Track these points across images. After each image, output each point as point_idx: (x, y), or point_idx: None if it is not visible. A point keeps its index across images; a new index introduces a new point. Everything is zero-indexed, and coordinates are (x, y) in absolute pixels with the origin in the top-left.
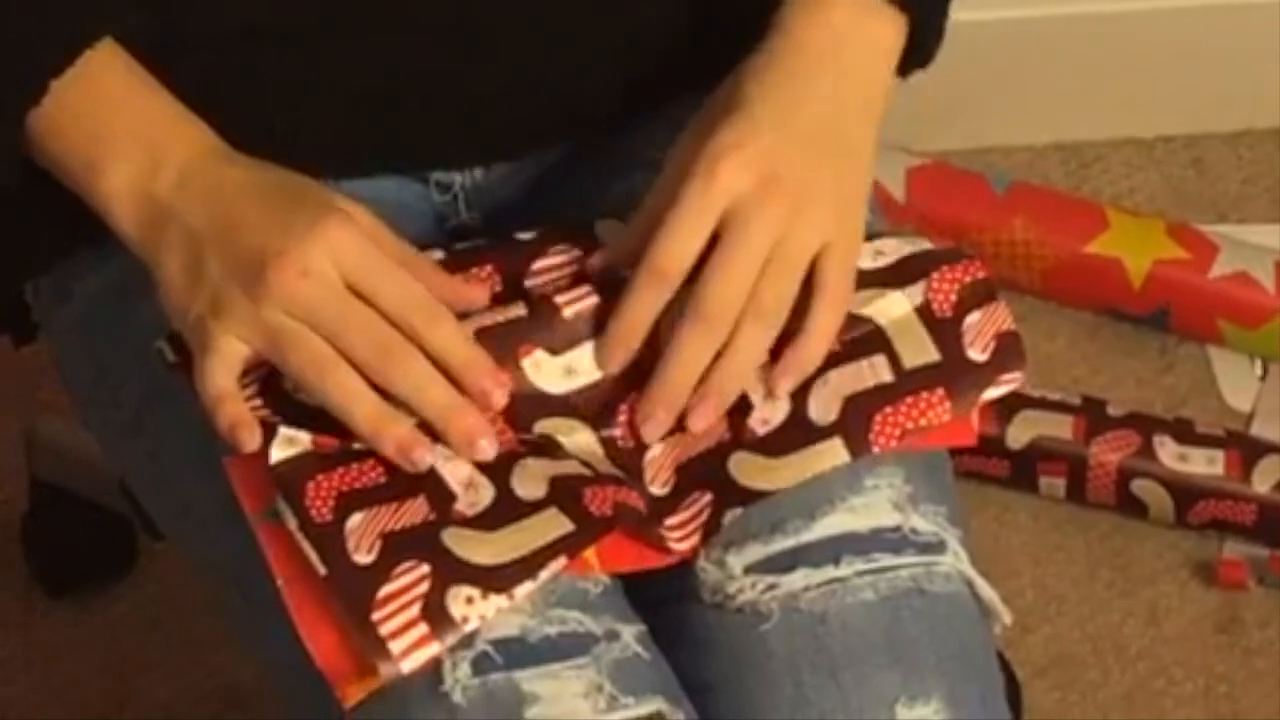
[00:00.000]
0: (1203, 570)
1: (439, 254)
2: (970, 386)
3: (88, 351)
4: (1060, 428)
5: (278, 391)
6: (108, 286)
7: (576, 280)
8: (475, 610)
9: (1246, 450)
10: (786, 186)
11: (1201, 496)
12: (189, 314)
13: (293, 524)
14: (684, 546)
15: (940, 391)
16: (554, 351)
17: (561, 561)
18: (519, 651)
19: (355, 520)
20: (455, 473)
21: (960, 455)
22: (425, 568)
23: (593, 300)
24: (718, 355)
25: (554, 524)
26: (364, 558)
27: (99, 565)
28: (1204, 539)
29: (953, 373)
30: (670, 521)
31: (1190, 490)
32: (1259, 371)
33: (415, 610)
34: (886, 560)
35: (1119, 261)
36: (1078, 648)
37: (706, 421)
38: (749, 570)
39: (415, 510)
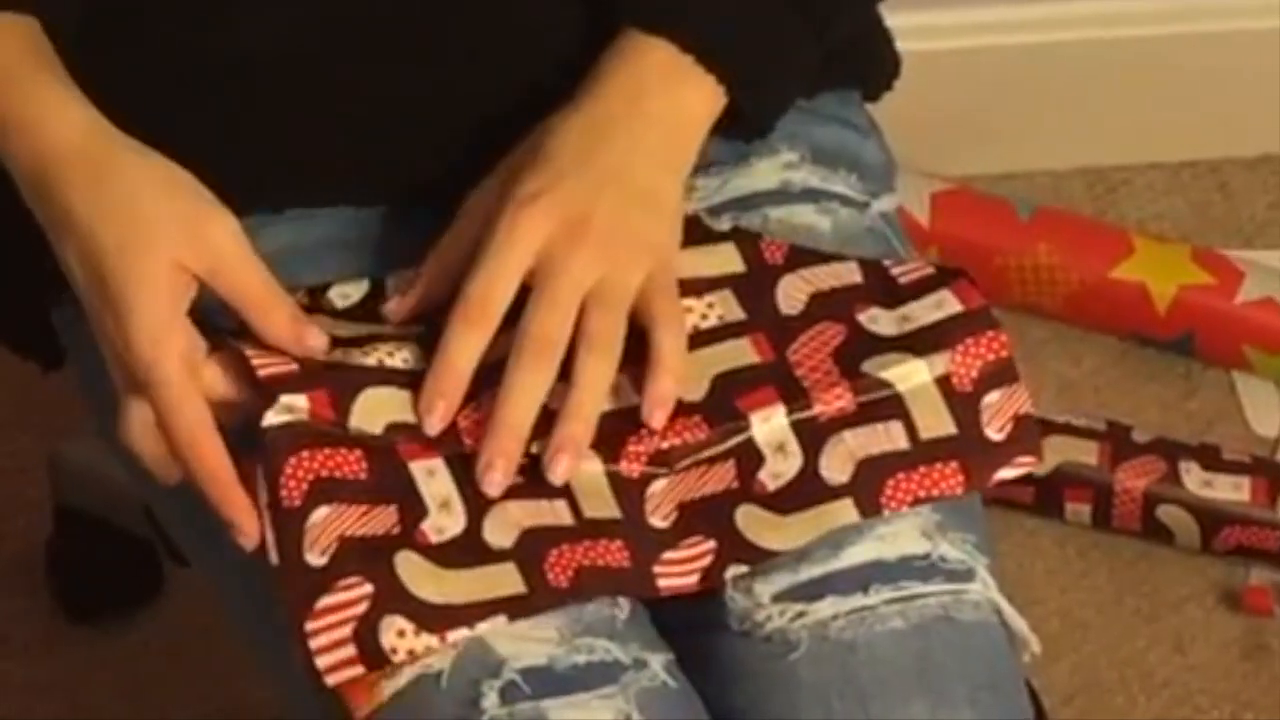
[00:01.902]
0: (1228, 597)
1: (365, 284)
2: (985, 464)
3: None
4: (1085, 454)
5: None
6: None
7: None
8: (404, 644)
9: (1272, 477)
10: (595, 227)
11: (1227, 523)
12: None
13: (264, 499)
14: (673, 584)
15: (954, 464)
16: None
17: (501, 620)
18: (547, 680)
19: (320, 514)
20: (434, 490)
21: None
22: (368, 587)
23: None
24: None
25: (506, 581)
26: (316, 559)
27: (123, 591)
28: (1230, 565)
29: (969, 448)
30: (667, 556)
31: (1216, 516)
32: None
33: (347, 630)
34: (915, 588)
35: (1144, 286)
36: (1104, 675)
37: (569, 472)
38: (777, 598)
39: (382, 519)
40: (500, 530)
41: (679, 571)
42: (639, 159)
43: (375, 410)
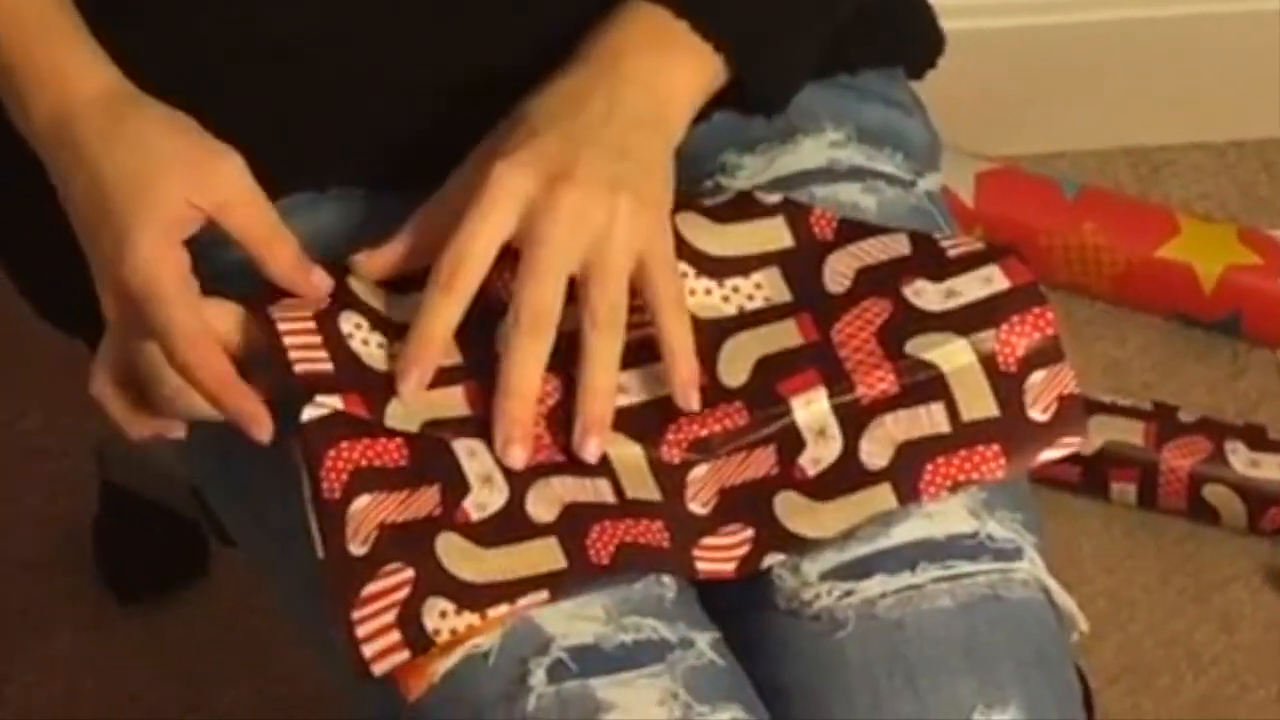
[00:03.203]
0: (1275, 576)
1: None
2: (1028, 446)
3: None
4: (1131, 434)
5: (336, 337)
6: None
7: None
8: (447, 624)
9: None
10: (576, 183)
11: (1274, 502)
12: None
13: (307, 492)
14: (711, 568)
15: (996, 448)
16: None
17: (543, 595)
18: (594, 659)
19: (360, 504)
20: (477, 467)
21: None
22: (410, 572)
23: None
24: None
25: (547, 556)
26: (358, 549)
27: (169, 570)
28: (1276, 545)
29: (1011, 430)
30: (706, 542)
31: (1262, 496)
32: None
33: (391, 616)
34: (963, 567)
35: (1190, 267)
36: (1150, 654)
37: (600, 449)
38: (825, 577)
39: (423, 502)
40: (543, 504)
41: (717, 558)
42: (618, 117)
43: (409, 415)
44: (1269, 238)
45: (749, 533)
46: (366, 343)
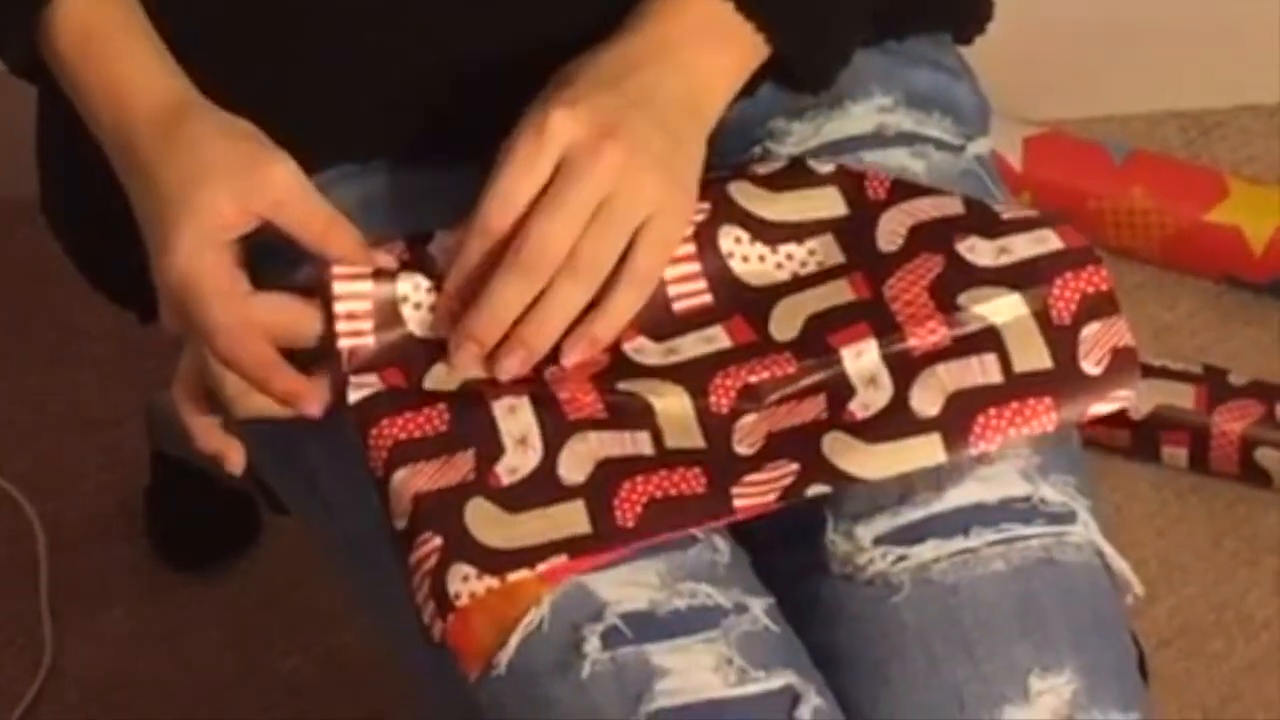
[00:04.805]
0: None
1: (400, 244)
2: (1080, 398)
3: None
4: (1182, 397)
5: (389, 305)
6: None
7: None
8: (467, 588)
9: None
10: (621, 141)
11: None
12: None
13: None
14: (750, 503)
15: (1048, 400)
16: (659, 338)
17: (562, 559)
18: (648, 625)
19: (399, 476)
20: (513, 428)
21: (1081, 425)
22: (438, 540)
23: (706, 299)
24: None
25: (572, 520)
26: (400, 523)
27: (221, 539)
28: None
29: (1063, 382)
30: (749, 478)
31: None
32: None
33: (425, 588)
34: (1017, 530)
35: (1239, 229)
36: (1202, 618)
37: (513, 372)
38: (879, 541)
39: (458, 467)
40: (576, 462)
41: (758, 490)
42: (663, 94)
43: (451, 376)
44: None
45: (793, 466)
46: (419, 306)
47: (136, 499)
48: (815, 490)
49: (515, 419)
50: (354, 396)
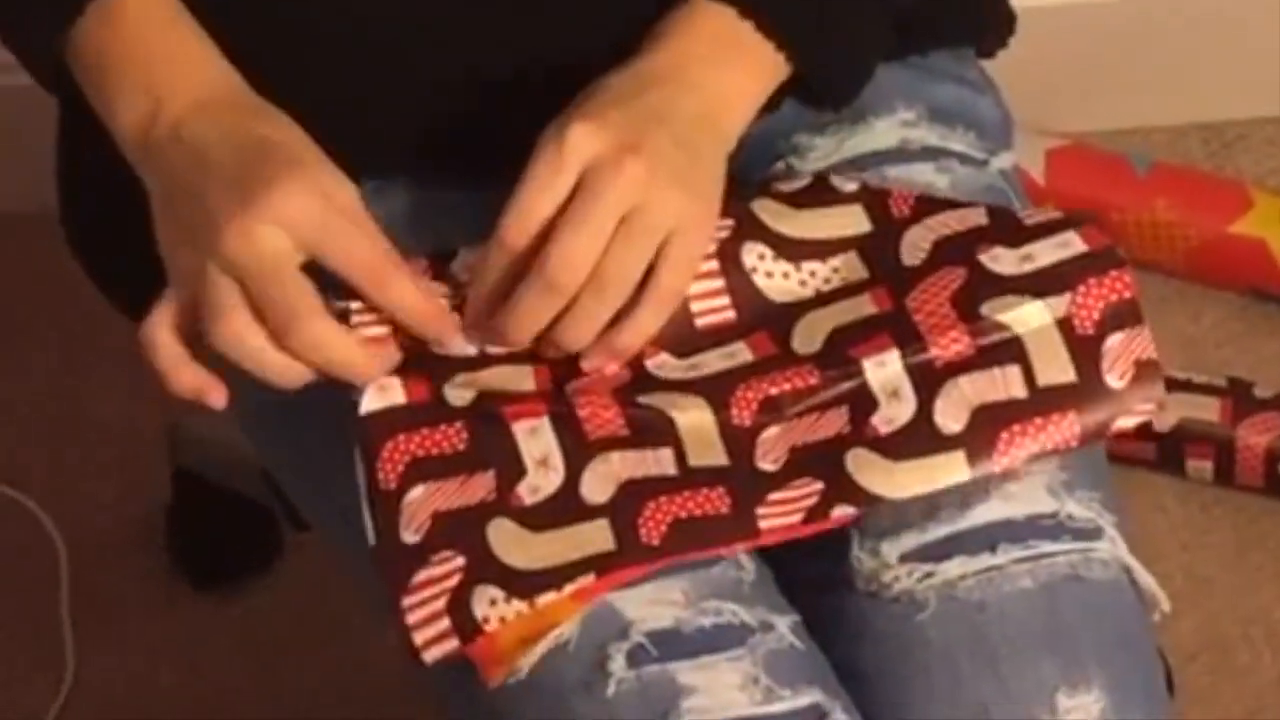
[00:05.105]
0: None
1: (423, 261)
2: (1103, 413)
3: None
4: (1207, 410)
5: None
6: None
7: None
8: (496, 612)
9: None
10: (644, 156)
11: None
12: (163, 253)
13: (362, 481)
14: (776, 524)
15: (1071, 415)
16: (681, 355)
17: (590, 579)
18: (674, 643)
19: (416, 493)
20: (534, 449)
21: (1105, 439)
22: (461, 560)
23: (729, 315)
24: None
25: (596, 538)
26: (411, 537)
27: (242, 556)
28: None
29: (1087, 396)
30: (773, 497)
31: None
32: None
33: (441, 604)
34: (1043, 547)
35: (1263, 242)
36: (1229, 631)
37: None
38: (905, 559)
39: (478, 486)
40: (599, 483)
41: (783, 511)
42: (682, 110)
43: (471, 380)
44: None
45: (818, 485)
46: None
47: (157, 515)
48: (840, 511)
49: (536, 440)
50: (370, 406)
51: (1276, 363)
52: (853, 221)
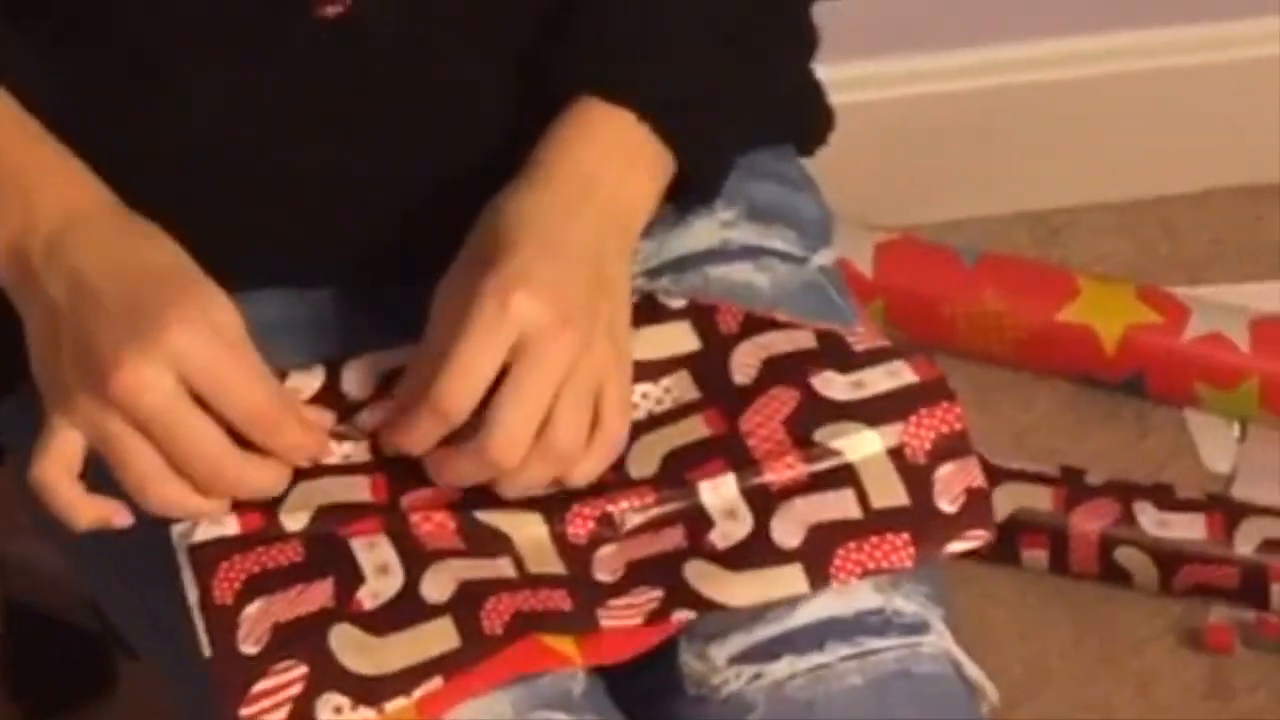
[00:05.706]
0: (1190, 636)
1: (320, 372)
2: (937, 536)
3: None
4: (1040, 499)
5: None
6: None
7: None
8: (342, 719)
9: (1228, 513)
10: (576, 319)
11: (1185, 562)
12: (43, 380)
13: (193, 598)
14: (617, 624)
15: (906, 536)
16: None
17: (437, 682)
18: None
19: (253, 608)
20: (374, 558)
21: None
22: (303, 669)
23: None
24: None
25: (441, 638)
26: (250, 648)
27: (77, 687)
28: (1190, 604)
29: (921, 519)
30: (613, 602)
31: (1173, 556)
32: (1237, 433)
33: (283, 714)
34: (871, 643)
35: (1091, 328)
36: None
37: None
38: (733, 660)
39: (317, 595)
40: (439, 584)
41: (623, 615)
42: (601, 252)
43: (306, 497)
44: (1168, 295)
45: (658, 592)
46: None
47: None
48: (681, 614)
49: (374, 552)
50: (201, 536)
51: (1109, 449)
52: (681, 339)
